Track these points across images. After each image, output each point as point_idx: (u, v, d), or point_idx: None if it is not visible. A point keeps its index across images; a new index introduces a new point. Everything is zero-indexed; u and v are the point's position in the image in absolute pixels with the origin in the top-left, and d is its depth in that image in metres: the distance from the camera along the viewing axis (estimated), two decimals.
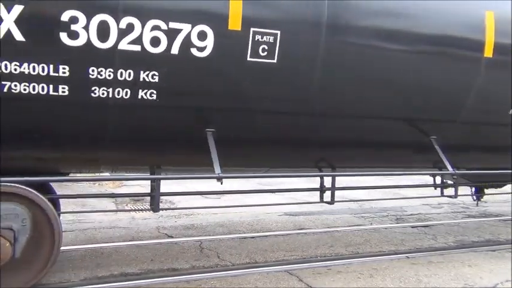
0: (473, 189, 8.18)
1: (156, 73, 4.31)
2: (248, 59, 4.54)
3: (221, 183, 4.73)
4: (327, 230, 7.78)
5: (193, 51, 4.34)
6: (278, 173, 6.22)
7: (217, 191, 5.83)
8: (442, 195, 6.59)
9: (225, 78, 4.60)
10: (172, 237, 7.01)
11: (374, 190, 7.81)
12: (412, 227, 8.27)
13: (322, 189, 5.83)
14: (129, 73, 4.23)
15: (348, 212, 9.26)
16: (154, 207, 5.09)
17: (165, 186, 5.62)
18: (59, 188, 9.28)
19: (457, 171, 5.90)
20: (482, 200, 8.59)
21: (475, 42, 5.48)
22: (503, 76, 5.77)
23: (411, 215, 9.33)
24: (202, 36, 4.32)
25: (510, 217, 8.96)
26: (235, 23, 4.39)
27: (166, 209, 5.90)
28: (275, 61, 4.63)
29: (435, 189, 6.89)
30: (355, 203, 9.83)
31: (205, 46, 4.35)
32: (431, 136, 5.80)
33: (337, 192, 6.09)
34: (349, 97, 5.23)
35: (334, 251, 6.63)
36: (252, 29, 4.46)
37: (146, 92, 4.36)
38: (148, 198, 5.48)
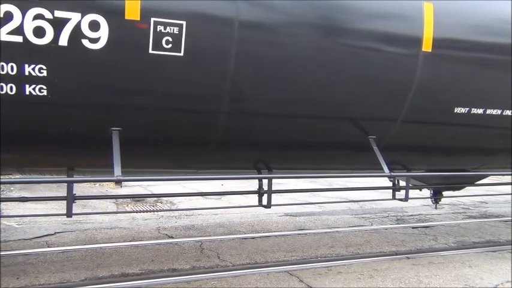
0: (432, 191, 8.09)
1: (44, 66, 3.97)
2: (150, 51, 4.17)
3: (120, 186, 4.46)
4: (327, 231, 7.78)
5: (85, 42, 3.94)
6: (207, 176, 5.80)
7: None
8: (394, 198, 6.43)
9: (124, 72, 4.24)
10: (172, 237, 7.01)
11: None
12: (413, 228, 8.27)
13: (260, 192, 5.54)
14: (12, 66, 3.89)
15: (349, 213, 9.26)
16: (68, 212, 4.69)
17: (166, 186, 5.61)
18: (59, 189, 9.31)
19: (392, 173, 5.56)
20: (440, 202, 8.44)
21: (412, 36, 5.08)
22: (444, 72, 5.34)
23: (412, 215, 9.34)
24: (94, 26, 3.93)
25: (510, 218, 8.97)
26: (132, 12, 4.04)
27: (77, 214, 5.52)
28: (181, 54, 4.27)
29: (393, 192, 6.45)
30: (356, 204, 9.84)
31: (99, 37, 3.96)
32: (370, 136, 5.44)
33: (336, 193, 6.04)
34: (269, 96, 4.81)
35: (335, 252, 6.64)
36: (152, 19, 4.09)
37: (34, 87, 4.00)
38: (147, 199, 5.41)
